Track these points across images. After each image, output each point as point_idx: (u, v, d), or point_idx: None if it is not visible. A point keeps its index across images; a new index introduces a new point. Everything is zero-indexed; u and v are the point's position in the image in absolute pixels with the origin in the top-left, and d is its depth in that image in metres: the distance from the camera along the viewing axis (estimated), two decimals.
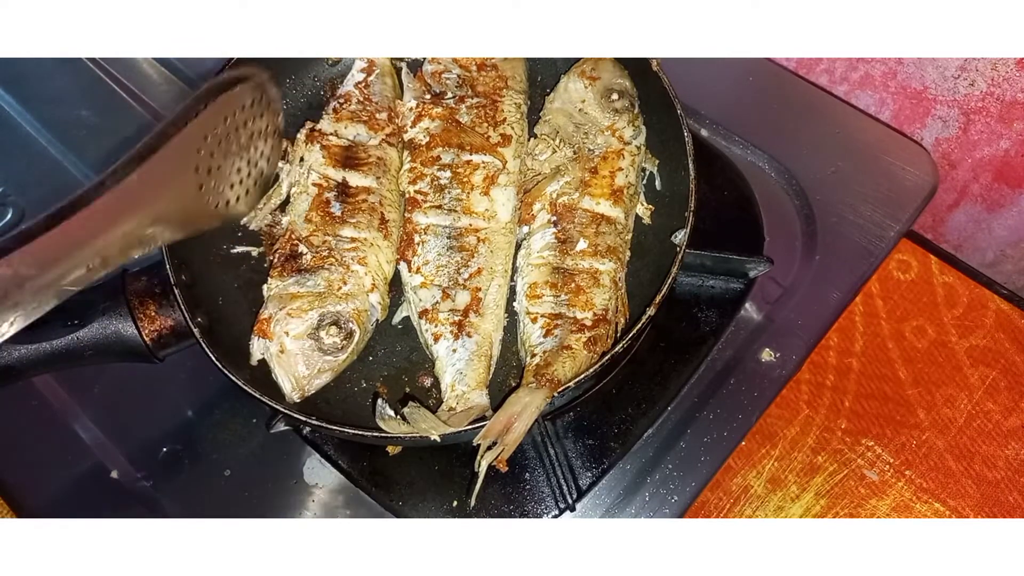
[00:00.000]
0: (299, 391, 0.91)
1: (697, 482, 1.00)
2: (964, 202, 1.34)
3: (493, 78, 1.07)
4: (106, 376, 1.09)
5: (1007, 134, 1.20)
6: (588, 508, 0.99)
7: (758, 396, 1.05)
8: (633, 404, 1.04)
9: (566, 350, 0.92)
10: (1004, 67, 1.13)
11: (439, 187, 1.01)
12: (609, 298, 0.97)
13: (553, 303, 0.96)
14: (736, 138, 1.24)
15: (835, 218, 1.17)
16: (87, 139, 1.27)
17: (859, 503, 1.06)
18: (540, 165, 1.04)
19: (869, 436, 1.10)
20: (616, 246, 0.99)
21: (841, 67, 1.31)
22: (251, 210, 0.90)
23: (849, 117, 1.27)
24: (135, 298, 0.92)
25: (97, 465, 1.04)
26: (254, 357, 0.93)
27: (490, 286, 0.98)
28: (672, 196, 1.06)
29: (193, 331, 0.89)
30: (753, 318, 1.10)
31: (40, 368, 0.89)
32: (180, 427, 1.06)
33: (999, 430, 1.10)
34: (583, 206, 1.00)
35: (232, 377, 0.87)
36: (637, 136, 1.05)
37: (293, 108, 1.14)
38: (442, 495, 1.00)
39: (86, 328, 0.89)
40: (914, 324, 1.17)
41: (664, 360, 1.07)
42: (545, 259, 0.99)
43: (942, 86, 1.22)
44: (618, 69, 1.07)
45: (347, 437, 0.90)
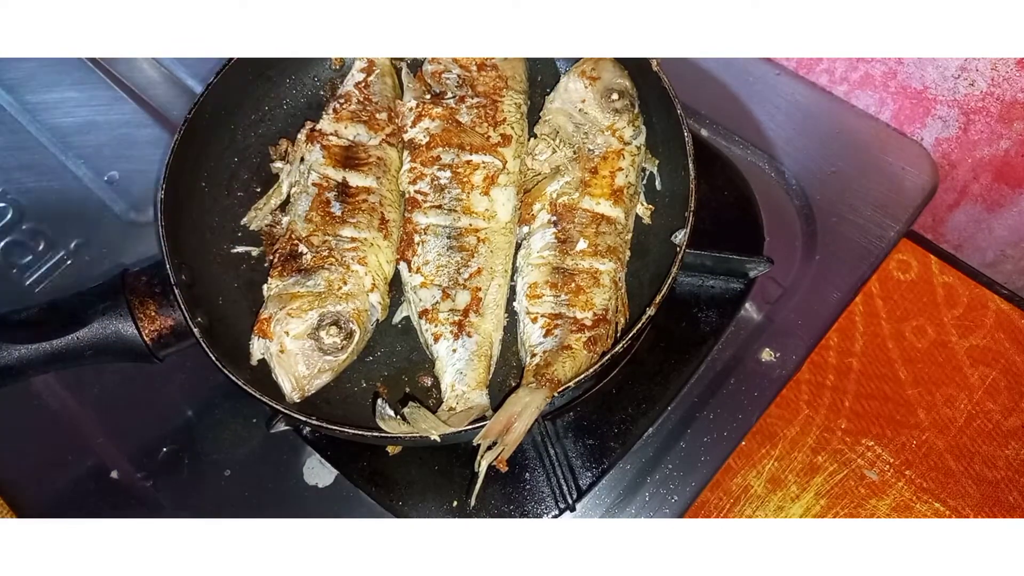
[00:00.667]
0: (299, 391, 0.91)
1: (697, 482, 1.00)
2: (964, 202, 1.34)
3: (493, 78, 1.07)
4: (106, 376, 1.09)
5: (1007, 134, 1.20)
6: (588, 508, 0.99)
7: (758, 396, 1.05)
8: (633, 404, 1.04)
9: (566, 350, 0.92)
10: (1004, 67, 1.13)
11: (439, 187, 1.01)
12: (609, 298, 0.97)
13: (553, 303, 0.96)
14: (736, 138, 1.24)
15: (835, 218, 1.17)
16: (87, 139, 1.27)
17: (859, 503, 1.06)
18: (540, 165, 1.04)
19: (869, 436, 1.10)
20: (616, 246, 0.99)
21: (841, 67, 1.31)
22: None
23: (849, 117, 1.27)
24: (135, 298, 0.92)
25: (97, 465, 1.04)
26: (254, 357, 0.93)
27: (490, 286, 0.98)
28: (672, 196, 1.06)
29: (193, 331, 0.89)
30: (753, 318, 1.10)
31: (40, 368, 0.89)
32: (180, 427, 1.06)
33: (999, 430, 1.10)
34: (583, 206, 1.00)
35: (232, 377, 0.87)
36: (637, 136, 1.05)
37: (293, 108, 1.14)
38: (442, 495, 1.00)
39: (86, 328, 0.89)
40: (914, 324, 1.17)
41: (664, 360, 1.07)
42: (545, 259, 0.99)
43: (942, 86, 1.22)
44: (618, 69, 1.07)
45: (347, 437, 0.90)
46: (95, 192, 1.23)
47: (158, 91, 1.32)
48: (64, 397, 1.08)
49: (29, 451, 1.06)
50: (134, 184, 1.23)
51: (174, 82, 1.33)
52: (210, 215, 1.05)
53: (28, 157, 1.26)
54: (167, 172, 0.96)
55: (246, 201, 1.07)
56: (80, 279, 1.16)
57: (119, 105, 1.30)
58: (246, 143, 1.11)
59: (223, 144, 1.08)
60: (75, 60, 1.33)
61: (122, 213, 1.21)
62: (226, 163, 1.09)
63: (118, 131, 1.28)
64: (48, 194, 1.23)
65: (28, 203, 1.22)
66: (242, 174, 1.09)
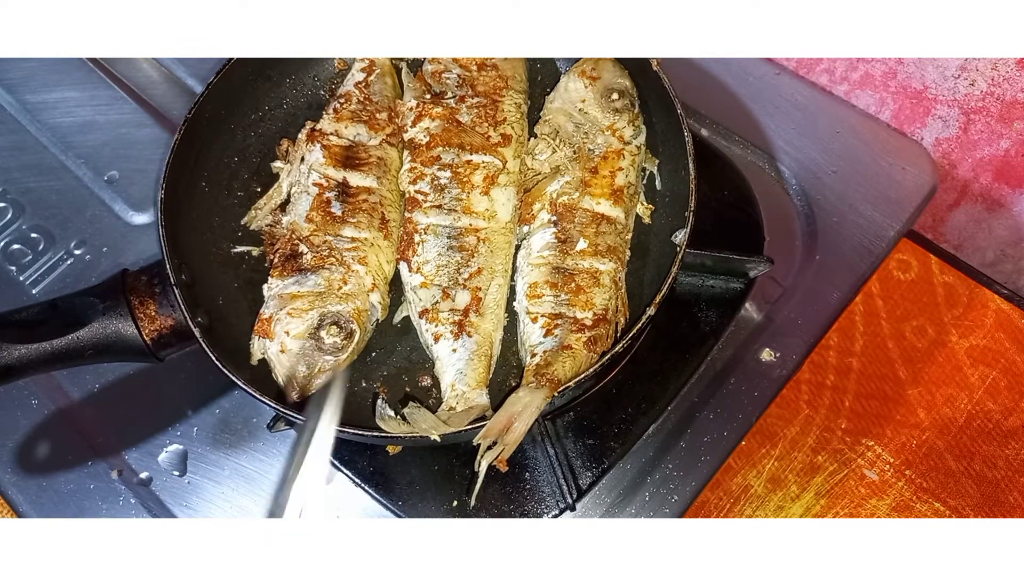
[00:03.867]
0: (299, 391, 0.91)
1: (697, 482, 1.00)
2: (964, 202, 1.34)
3: (493, 78, 1.07)
4: (106, 376, 1.09)
5: (1007, 134, 1.20)
6: (588, 508, 0.99)
7: (758, 396, 1.05)
8: (633, 404, 1.04)
9: (566, 350, 0.92)
10: (1004, 67, 1.13)
11: (439, 187, 1.01)
12: (609, 298, 0.97)
13: (553, 303, 0.96)
14: (736, 138, 1.24)
15: (835, 218, 1.17)
16: (87, 139, 1.27)
17: (859, 503, 1.06)
18: (540, 165, 1.04)
19: (869, 436, 1.10)
20: (616, 246, 0.99)
21: (841, 67, 1.31)
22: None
23: (849, 117, 1.27)
24: (135, 298, 0.91)
25: (97, 465, 1.04)
26: (254, 357, 0.93)
27: (490, 286, 0.98)
28: (672, 196, 1.06)
29: (193, 331, 0.89)
30: (753, 318, 1.10)
31: (40, 367, 0.89)
32: (180, 427, 1.06)
33: (999, 430, 1.10)
34: (583, 206, 1.00)
35: (233, 377, 0.87)
36: (637, 136, 1.05)
37: (293, 108, 1.14)
38: (442, 495, 1.00)
39: (86, 328, 0.89)
40: (914, 324, 1.17)
41: (664, 360, 1.07)
42: (545, 259, 0.99)
43: (942, 86, 1.22)
44: (618, 69, 1.07)
45: (347, 437, 0.90)
46: (95, 192, 1.23)
47: (158, 91, 1.32)
48: (64, 397, 1.08)
49: (29, 451, 1.06)
50: (134, 184, 1.23)
51: (174, 82, 1.33)
52: (210, 215, 1.05)
53: (28, 157, 1.26)
54: (167, 172, 0.96)
55: (246, 201, 1.07)
56: (80, 279, 1.16)
57: (119, 105, 1.30)
58: (246, 143, 1.11)
59: (223, 144, 1.08)
60: (75, 60, 1.33)
61: (122, 213, 1.21)
62: (226, 163, 1.09)
63: (118, 131, 1.28)
64: (48, 194, 1.23)
65: (28, 203, 1.22)
66: (242, 174, 1.09)
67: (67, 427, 1.06)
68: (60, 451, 1.05)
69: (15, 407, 1.07)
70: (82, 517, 1.01)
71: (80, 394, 1.08)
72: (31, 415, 1.07)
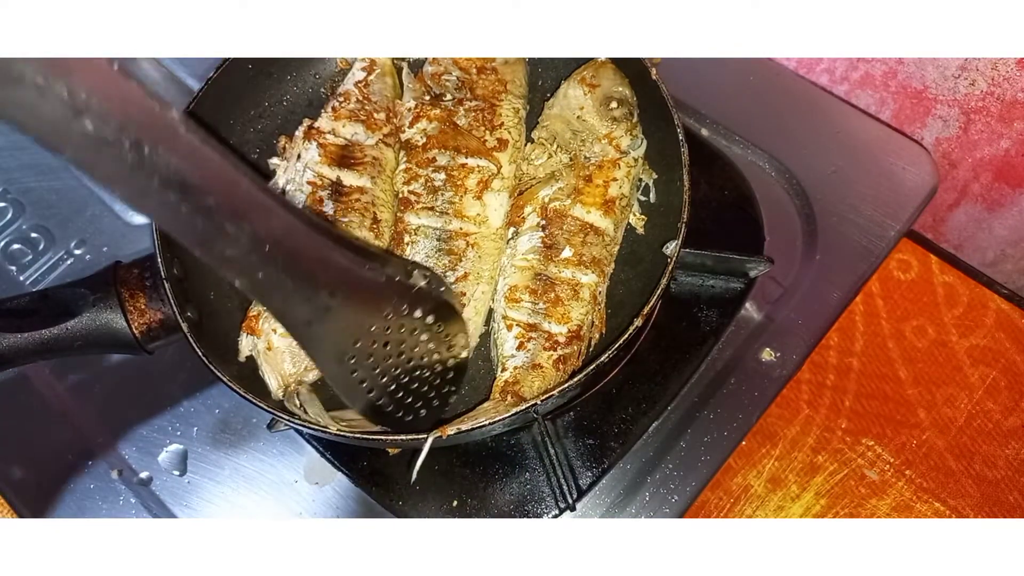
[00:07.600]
0: (285, 388, 0.91)
1: (697, 482, 1.00)
2: (964, 202, 1.34)
3: (492, 82, 1.07)
4: (106, 375, 1.09)
5: (1007, 134, 1.20)
6: (588, 508, 0.99)
7: (758, 396, 1.05)
8: (633, 404, 1.04)
9: (536, 368, 0.92)
10: (1004, 67, 1.13)
11: (433, 189, 1.01)
12: (586, 313, 0.96)
13: (531, 310, 0.95)
14: (736, 138, 1.24)
15: (835, 218, 1.17)
16: None
17: (859, 503, 1.06)
18: (535, 170, 1.03)
19: (869, 436, 1.10)
20: (601, 258, 0.98)
21: (841, 67, 1.31)
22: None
23: (849, 117, 1.27)
24: (125, 290, 0.91)
25: (97, 465, 1.04)
26: (242, 354, 0.93)
27: (475, 292, 0.98)
28: (667, 206, 1.05)
29: (181, 325, 0.88)
30: (753, 318, 1.10)
31: (29, 357, 0.88)
32: (180, 427, 1.06)
33: (999, 430, 1.10)
34: (573, 213, 0.99)
35: (216, 372, 0.86)
36: (635, 146, 1.03)
37: (293, 105, 1.14)
38: (442, 495, 1.00)
39: (76, 319, 0.89)
40: (914, 324, 1.17)
41: (664, 360, 1.07)
42: (529, 262, 0.98)
43: (942, 86, 1.22)
44: (618, 77, 1.07)
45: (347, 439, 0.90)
46: (95, 192, 1.23)
47: (158, 91, 1.32)
48: (64, 397, 1.08)
49: (29, 451, 1.06)
50: None
51: (174, 82, 1.33)
52: None
53: (28, 157, 1.25)
54: None
55: None
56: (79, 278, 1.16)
57: None
58: (245, 138, 1.11)
59: (222, 139, 1.08)
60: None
61: (122, 213, 1.21)
62: None
63: None
64: (48, 194, 1.23)
65: (28, 203, 1.22)
66: None
67: (67, 427, 1.06)
68: (60, 451, 1.05)
69: (15, 406, 1.07)
70: (82, 517, 1.01)
71: (80, 394, 1.08)
72: (31, 415, 1.07)
